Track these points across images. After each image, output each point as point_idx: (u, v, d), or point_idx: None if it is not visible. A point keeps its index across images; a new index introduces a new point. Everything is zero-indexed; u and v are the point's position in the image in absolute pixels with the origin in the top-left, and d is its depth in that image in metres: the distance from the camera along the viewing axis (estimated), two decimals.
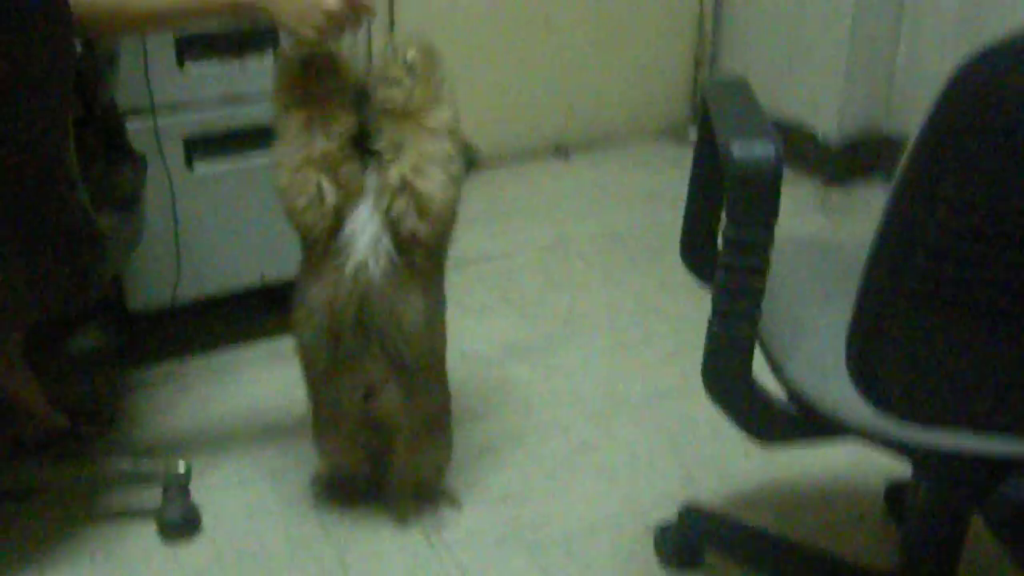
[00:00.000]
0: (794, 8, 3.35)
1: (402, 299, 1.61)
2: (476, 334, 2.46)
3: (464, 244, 2.85)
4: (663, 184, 3.35)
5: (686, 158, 1.50)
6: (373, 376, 1.67)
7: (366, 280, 1.59)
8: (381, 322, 1.62)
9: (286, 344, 2.35)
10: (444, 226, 1.61)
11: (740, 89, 1.35)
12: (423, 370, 1.70)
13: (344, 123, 1.60)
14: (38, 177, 1.41)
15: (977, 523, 1.34)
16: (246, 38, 2.08)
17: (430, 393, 1.75)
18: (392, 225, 1.58)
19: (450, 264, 2.04)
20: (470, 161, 1.77)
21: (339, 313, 1.62)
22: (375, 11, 1.63)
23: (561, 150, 3.56)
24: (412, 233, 1.58)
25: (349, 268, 1.60)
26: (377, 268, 1.59)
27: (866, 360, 1.12)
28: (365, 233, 1.59)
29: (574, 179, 3.39)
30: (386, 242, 1.59)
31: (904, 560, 1.55)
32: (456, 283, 2.64)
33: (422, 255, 1.62)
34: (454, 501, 1.91)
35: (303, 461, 2.00)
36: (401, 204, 1.57)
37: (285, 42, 1.67)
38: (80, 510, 1.88)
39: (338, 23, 1.58)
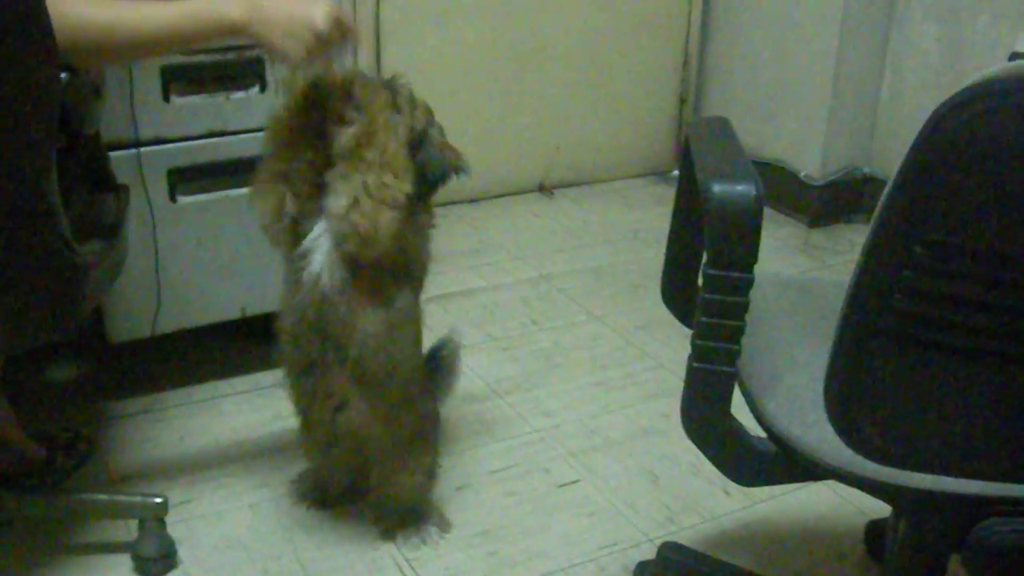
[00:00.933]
0: (778, 50, 3.38)
1: (354, 312, 1.69)
2: None
3: (447, 279, 2.87)
4: (647, 222, 3.36)
5: (670, 196, 1.51)
6: (339, 388, 1.75)
7: (321, 291, 1.67)
8: (336, 331, 1.70)
9: (266, 378, 2.36)
10: (386, 250, 1.66)
11: (722, 129, 1.36)
12: (388, 388, 1.76)
13: (317, 151, 1.67)
14: (19, 207, 1.40)
15: (956, 563, 1.34)
16: (231, 73, 2.08)
17: (400, 413, 1.80)
18: (337, 246, 1.66)
19: (432, 298, 2.04)
20: (456, 168, 1.81)
21: (300, 318, 1.72)
22: (359, 36, 1.65)
23: (545, 187, 3.57)
24: (354, 255, 1.65)
25: (307, 277, 1.68)
26: (331, 280, 1.67)
27: (844, 401, 1.12)
28: (321, 248, 1.67)
29: (558, 216, 3.40)
30: (337, 258, 1.66)
31: None
32: (439, 317, 2.64)
33: (371, 274, 1.68)
34: (443, 523, 1.93)
35: (281, 495, 1.99)
36: (342, 230, 1.63)
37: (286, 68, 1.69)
38: (55, 542, 1.87)
39: (325, 43, 1.60)
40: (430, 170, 1.75)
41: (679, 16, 3.62)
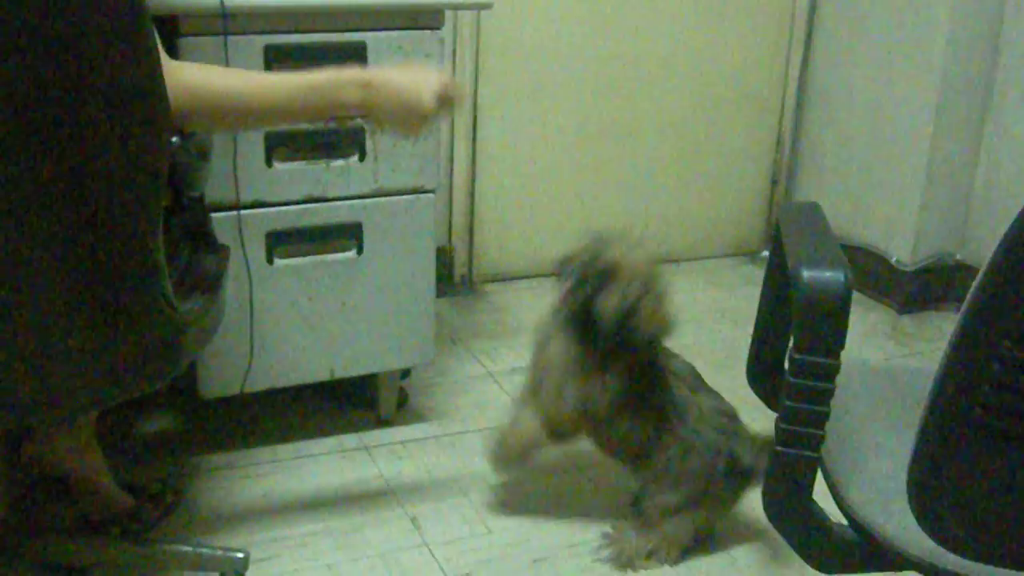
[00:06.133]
0: (872, 133, 3.37)
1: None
2: None
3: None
4: (734, 301, 3.35)
5: (758, 277, 1.52)
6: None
7: None
8: None
9: (350, 440, 2.39)
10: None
11: (813, 215, 1.36)
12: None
13: None
14: (126, 263, 1.45)
15: None
16: (332, 141, 2.14)
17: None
18: None
19: (514, 370, 2.05)
20: (658, 335, 2.00)
21: None
22: (465, 98, 1.72)
23: None
24: None
25: None
26: None
27: (927, 492, 1.11)
28: None
29: None
30: None
31: None
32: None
33: None
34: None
35: (359, 557, 2.01)
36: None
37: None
38: None
39: (436, 119, 1.69)
40: (632, 338, 1.93)
41: (773, 97, 3.63)
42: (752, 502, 2.20)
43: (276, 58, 2.02)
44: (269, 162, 2.10)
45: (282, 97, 1.62)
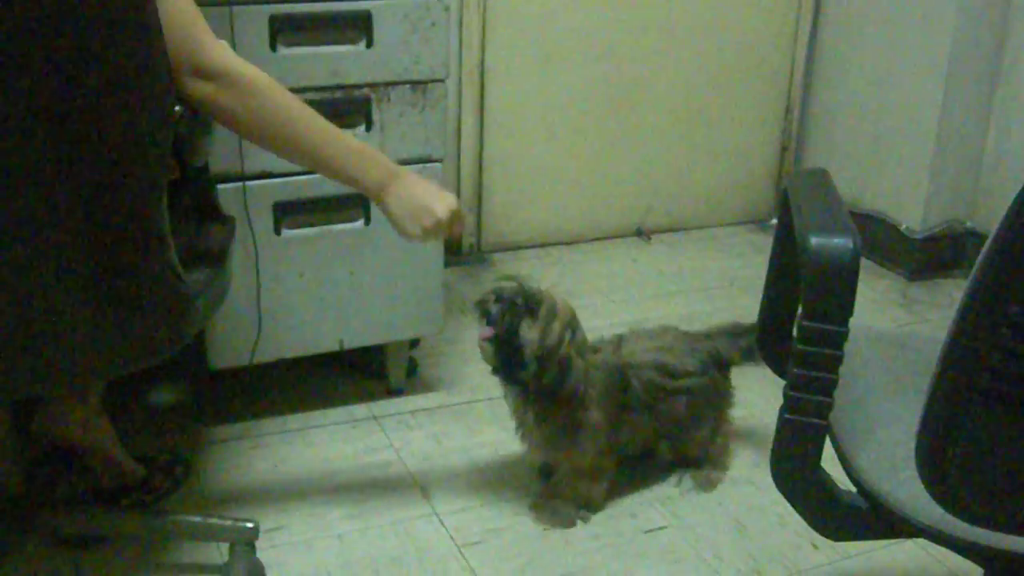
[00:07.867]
0: (882, 101, 3.35)
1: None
2: None
3: None
4: (743, 270, 3.34)
5: (768, 245, 1.51)
6: None
7: None
8: None
9: (359, 410, 2.39)
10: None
11: (821, 182, 1.36)
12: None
13: None
14: (131, 234, 1.45)
15: None
16: (338, 110, 2.13)
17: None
18: None
19: None
20: (579, 385, 2.01)
21: None
22: (467, 220, 1.76)
23: (643, 231, 3.58)
24: None
25: None
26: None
27: (936, 459, 1.11)
28: None
29: (654, 261, 3.40)
30: None
31: None
32: None
33: None
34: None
35: (369, 527, 2.02)
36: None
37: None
38: (148, 560, 1.91)
39: (440, 230, 1.77)
40: (564, 381, 1.96)
41: (782, 64, 3.61)
42: (761, 469, 2.21)
43: (281, 28, 2.02)
44: None
45: (326, 148, 1.69)
